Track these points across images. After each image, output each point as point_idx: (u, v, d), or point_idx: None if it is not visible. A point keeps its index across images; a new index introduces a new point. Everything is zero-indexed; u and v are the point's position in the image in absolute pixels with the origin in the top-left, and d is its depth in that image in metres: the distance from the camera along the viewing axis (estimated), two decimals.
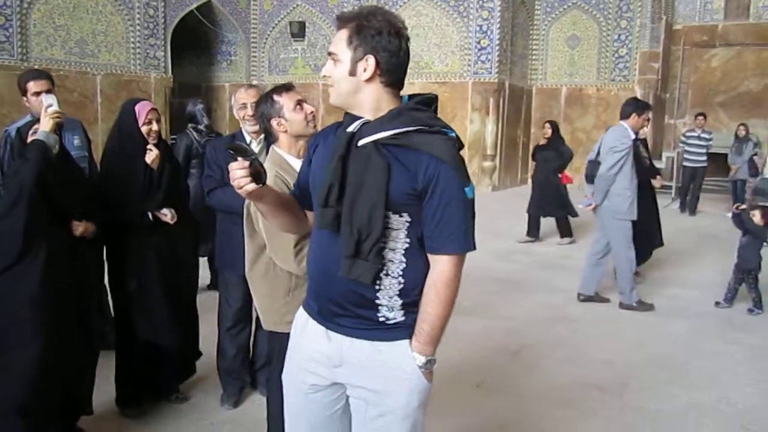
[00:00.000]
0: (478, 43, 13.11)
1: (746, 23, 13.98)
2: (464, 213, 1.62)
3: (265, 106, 2.57)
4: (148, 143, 3.04)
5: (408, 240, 1.63)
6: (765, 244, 5.42)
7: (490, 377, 3.88)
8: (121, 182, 3.03)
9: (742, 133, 11.06)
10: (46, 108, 2.68)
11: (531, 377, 3.89)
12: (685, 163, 11.03)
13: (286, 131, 2.52)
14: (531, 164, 10.62)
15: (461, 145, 1.66)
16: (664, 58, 13.86)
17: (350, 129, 1.62)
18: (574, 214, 7.97)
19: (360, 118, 1.64)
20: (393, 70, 1.63)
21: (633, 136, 5.29)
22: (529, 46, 14.55)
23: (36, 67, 11.36)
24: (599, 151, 5.49)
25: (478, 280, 6.16)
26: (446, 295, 1.64)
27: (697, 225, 9.82)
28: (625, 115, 5.36)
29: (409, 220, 1.62)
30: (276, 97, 2.54)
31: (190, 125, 5.23)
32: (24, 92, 3.61)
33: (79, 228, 2.79)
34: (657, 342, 4.57)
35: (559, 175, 8.08)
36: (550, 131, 8.34)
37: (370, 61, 1.61)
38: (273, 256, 2.40)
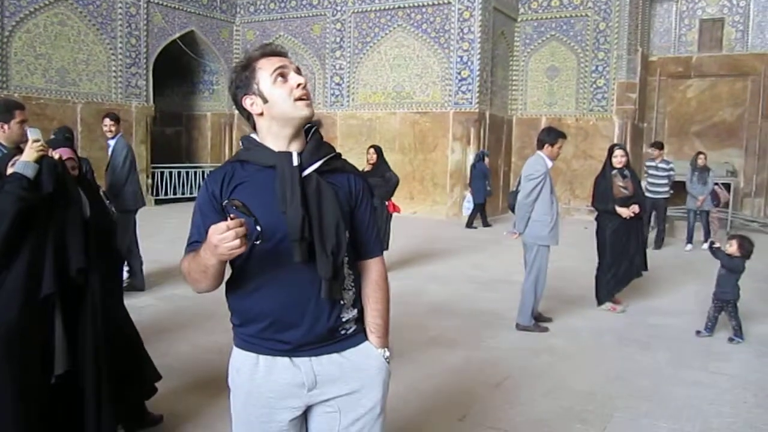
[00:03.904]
0: (459, 73, 13.29)
1: (719, 55, 14.35)
2: (376, 220, 1.89)
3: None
4: None
5: (346, 254, 1.75)
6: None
7: (473, 410, 3.85)
8: None
9: (702, 162, 10.55)
10: (33, 141, 2.70)
11: (514, 410, 3.86)
12: (647, 194, 10.38)
13: None
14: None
15: None
16: (640, 88, 14.14)
17: (296, 163, 1.69)
18: (385, 248, 7.38)
19: (277, 151, 1.71)
20: None
21: (549, 165, 5.56)
22: (509, 76, 14.78)
23: (16, 95, 11.31)
24: (519, 181, 5.68)
25: (460, 310, 6.16)
26: (387, 290, 1.89)
27: (674, 253, 9.91)
28: (540, 146, 5.61)
29: (349, 235, 1.76)
30: None
31: None
32: (7, 119, 3.57)
33: None
34: (639, 372, 4.57)
35: (386, 204, 7.40)
36: (375, 156, 7.58)
37: None
38: None
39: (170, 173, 15.33)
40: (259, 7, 15.81)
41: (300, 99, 1.69)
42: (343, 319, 1.77)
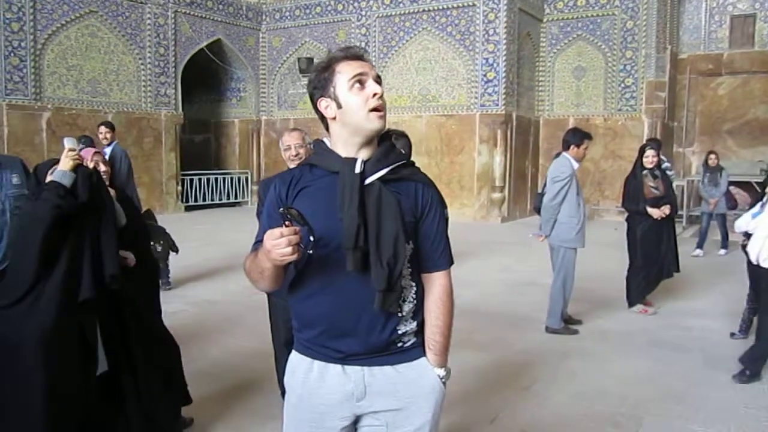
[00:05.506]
0: (485, 75, 13.24)
1: (751, 51, 14.08)
2: (446, 231, 1.81)
3: None
4: None
5: (409, 265, 1.72)
6: None
7: (504, 413, 3.82)
8: None
9: (713, 161, 9.76)
10: (69, 150, 2.77)
11: (544, 413, 3.83)
12: None
13: None
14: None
15: None
16: (670, 87, 13.93)
17: (358, 170, 1.66)
18: None
19: (343, 157, 1.68)
20: None
21: (576, 166, 5.50)
22: (536, 77, 14.67)
23: (49, 106, 11.58)
24: (545, 183, 5.64)
25: (489, 313, 6.13)
26: (451, 306, 1.80)
27: (707, 254, 9.72)
28: (565, 147, 5.55)
29: (413, 246, 1.72)
30: None
31: None
32: None
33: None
34: (671, 375, 4.50)
35: None
36: None
37: None
38: None
39: (199, 180, 15.54)
40: (285, 14, 15.95)
41: (374, 110, 1.66)
42: (400, 332, 1.72)
